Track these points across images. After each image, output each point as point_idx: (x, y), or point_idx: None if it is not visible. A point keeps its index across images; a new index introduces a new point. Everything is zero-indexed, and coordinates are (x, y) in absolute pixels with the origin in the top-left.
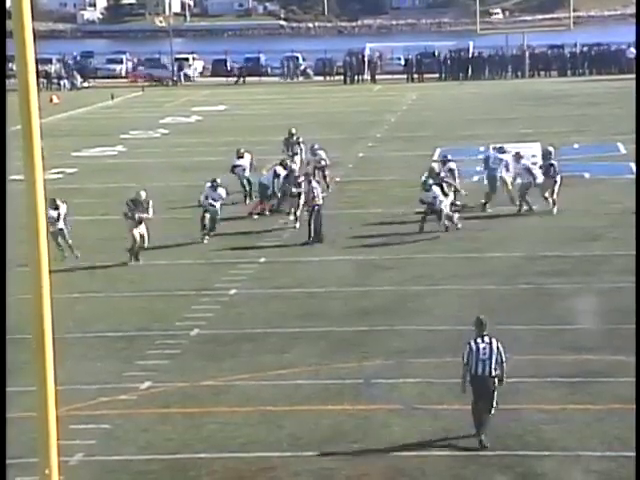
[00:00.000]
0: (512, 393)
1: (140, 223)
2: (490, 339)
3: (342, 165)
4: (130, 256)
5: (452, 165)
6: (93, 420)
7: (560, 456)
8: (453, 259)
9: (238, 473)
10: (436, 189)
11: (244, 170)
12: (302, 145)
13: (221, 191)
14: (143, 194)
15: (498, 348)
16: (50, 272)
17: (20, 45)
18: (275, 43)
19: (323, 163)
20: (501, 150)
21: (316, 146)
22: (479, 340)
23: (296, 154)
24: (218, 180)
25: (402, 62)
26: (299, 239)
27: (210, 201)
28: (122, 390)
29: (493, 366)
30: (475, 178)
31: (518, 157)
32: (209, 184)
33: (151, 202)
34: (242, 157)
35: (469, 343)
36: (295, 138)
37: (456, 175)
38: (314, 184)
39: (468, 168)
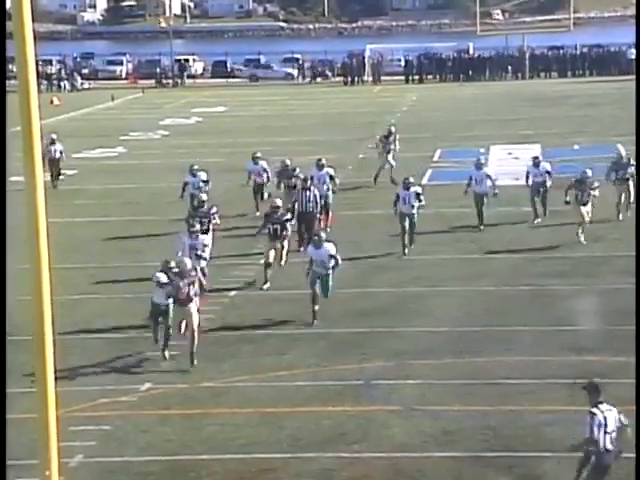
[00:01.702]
0: (513, 394)
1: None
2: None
3: (342, 166)
4: None
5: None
6: (93, 421)
7: (560, 457)
8: (453, 260)
9: (238, 474)
10: None
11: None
12: (397, 142)
13: (202, 174)
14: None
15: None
16: (50, 272)
17: (20, 46)
18: (275, 44)
19: (326, 188)
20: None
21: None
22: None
23: (390, 151)
24: (196, 166)
25: (402, 63)
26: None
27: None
28: (122, 391)
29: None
30: None
31: (537, 162)
32: (190, 175)
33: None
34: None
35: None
36: (392, 137)
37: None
38: (308, 193)
39: (468, 168)
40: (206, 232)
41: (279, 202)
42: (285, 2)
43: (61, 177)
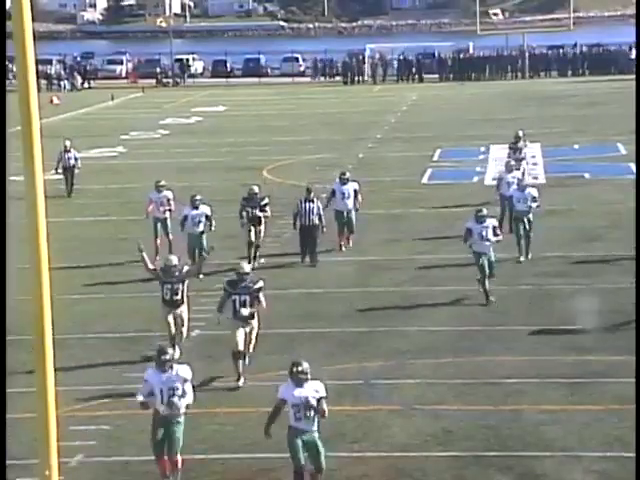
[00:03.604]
0: (513, 394)
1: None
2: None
3: (342, 166)
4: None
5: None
6: (93, 421)
7: (560, 456)
8: (453, 260)
9: (238, 474)
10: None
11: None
12: (525, 150)
13: (167, 193)
14: (256, 188)
15: None
16: (50, 272)
17: (20, 46)
18: (275, 44)
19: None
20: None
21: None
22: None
23: (523, 159)
24: (198, 196)
25: (402, 63)
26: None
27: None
28: (122, 391)
29: None
30: (475, 179)
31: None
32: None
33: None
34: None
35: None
36: (522, 142)
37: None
38: (312, 205)
39: (468, 169)
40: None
41: (247, 267)
42: (285, 2)
43: (75, 186)
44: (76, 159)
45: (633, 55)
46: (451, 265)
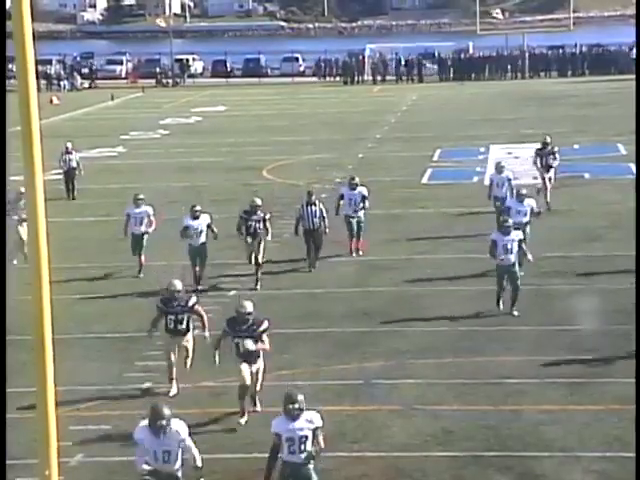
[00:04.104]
0: (513, 394)
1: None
2: None
3: (342, 166)
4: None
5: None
6: (93, 421)
7: (560, 457)
8: (453, 260)
9: (238, 474)
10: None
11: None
12: (557, 155)
13: (147, 208)
14: (258, 201)
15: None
16: (50, 272)
17: (20, 46)
18: (275, 44)
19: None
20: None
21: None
22: None
23: (551, 167)
24: (141, 195)
25: (402, 63)
26: (299, 240)
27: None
28: (122, 391)
29: None
30: (475, 179)
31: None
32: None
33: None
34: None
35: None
36: (550, 148)
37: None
38: (314, 208)
39: (468, 169)
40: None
41: (249, 305)
42: (285, 2)
43: (76, 190)
44: (77, 162)
45: (633, 55)
46: (451, 265)
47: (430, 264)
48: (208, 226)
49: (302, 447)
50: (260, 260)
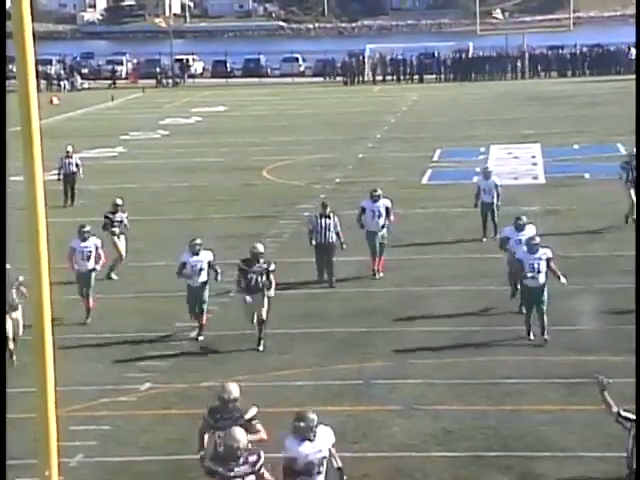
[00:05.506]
0: (513, 394)
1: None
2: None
3: (342, 166)
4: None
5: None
6: (93, 421)
7: (560, 457)
8: (453, 260)
9: None
10: None
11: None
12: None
13: (94, 241)
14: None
15: None
16: (50, 272)
17: (20, 46)
18: (275, 44)
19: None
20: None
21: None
22: None
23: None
24: (87, 227)
25: (402, 63)
26: (299, 240)
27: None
28: (122, 391)
29: None
30: (475, 179)
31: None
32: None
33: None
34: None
35: None
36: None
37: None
38: (328, 221)
39: (468, 169)
40: None
41: (235, 391)
42: (285, 2)
43: (75, 197)
44: (77, 165)
45: (633, 55)
46: (451, 265)
47: (430, 264)
48: (210, 265)
49: (320, 469)
50: (264, 317)
